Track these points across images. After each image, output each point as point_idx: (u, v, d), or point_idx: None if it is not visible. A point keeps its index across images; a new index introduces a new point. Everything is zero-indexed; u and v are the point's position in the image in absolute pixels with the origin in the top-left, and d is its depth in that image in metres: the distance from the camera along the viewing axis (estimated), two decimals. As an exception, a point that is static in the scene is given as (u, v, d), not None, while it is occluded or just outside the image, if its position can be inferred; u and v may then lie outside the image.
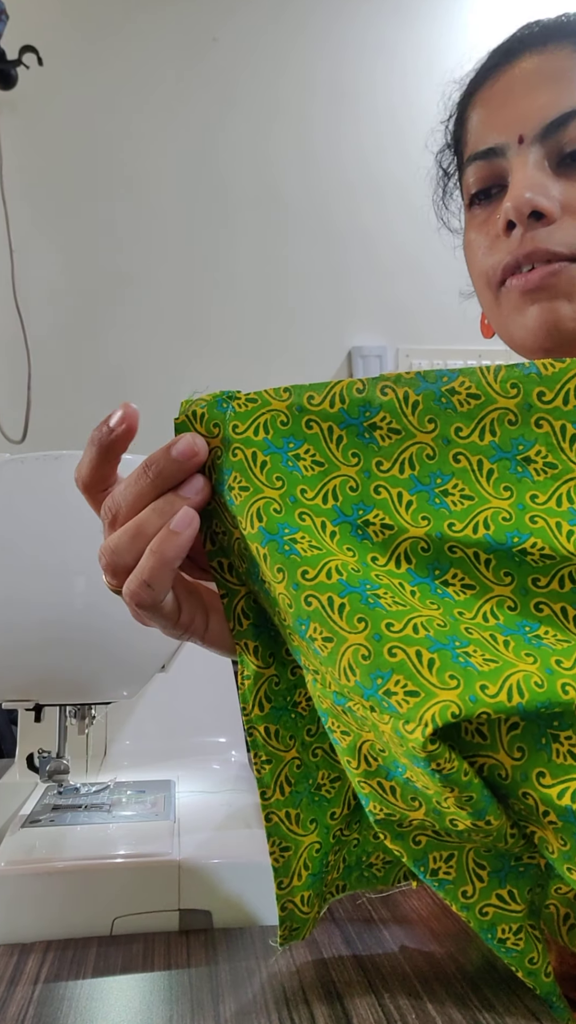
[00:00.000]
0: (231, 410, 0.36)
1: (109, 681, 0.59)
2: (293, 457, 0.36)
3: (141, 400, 1.69)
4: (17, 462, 0.56)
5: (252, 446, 0.36)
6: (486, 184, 0.56)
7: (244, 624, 0.38)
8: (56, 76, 2.14)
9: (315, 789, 0.40)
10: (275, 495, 0.35)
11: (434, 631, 0.32)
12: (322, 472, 0.36)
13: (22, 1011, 0.39)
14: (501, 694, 0.30)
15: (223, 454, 0.36)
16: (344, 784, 0.40)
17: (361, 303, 2.33)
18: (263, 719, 0.38)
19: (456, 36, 2.34)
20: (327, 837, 0.40)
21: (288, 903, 0.40)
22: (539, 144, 0.52)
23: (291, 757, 0.39)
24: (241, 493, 0.35)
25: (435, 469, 0.35)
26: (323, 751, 0.40)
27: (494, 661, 0.31)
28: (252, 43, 2.30)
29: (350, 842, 0.43)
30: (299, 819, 0.39)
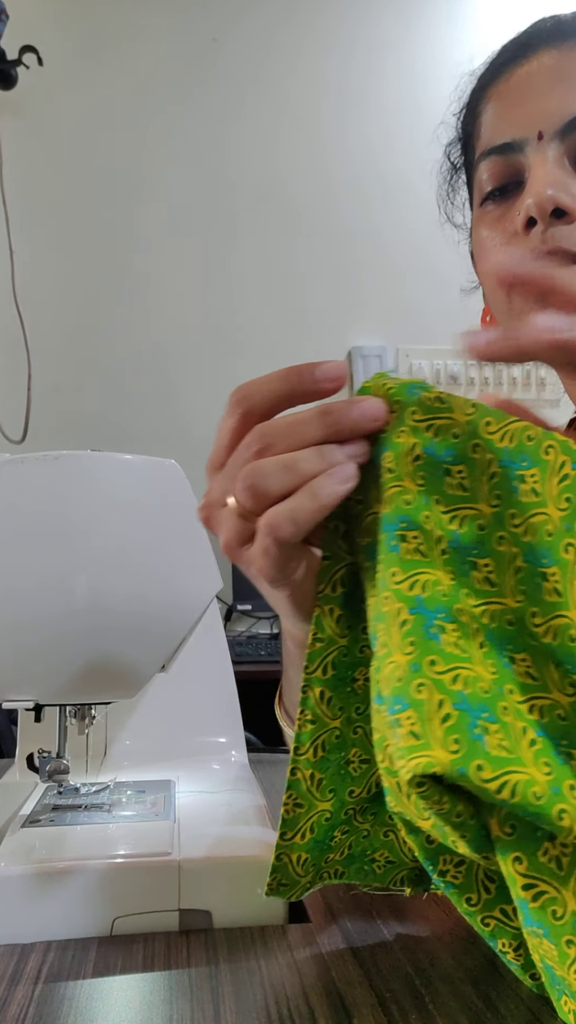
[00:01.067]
0: (417, 397, 0.35)
1: (109, 681, 0.59)
2: (446, 470, 0.35)
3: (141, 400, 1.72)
4: (17, 462, 0.56)
5: (417, 437, 0.35)
6: (503, 180, 0.55)
7: (337, 591, 0.38)
8: (56, 76, 2.14)
9: (344, 763, 0.40)
10: (413, 490, 0.35)
11: (471, 691, 0.31)
12: (462, 497, 0.35)
13: (22, 1011, 0.39)
14: (492, 783, 0.29)
15: (389, 432, 0.35)
16: (371, 768, 0.41)
17: (361, 303, 2.33)
18: (322, 682, 0.39)
19: (463, 33, 2.34)
20: (339, 812, 0.41)
21: (284, 855, 0.41)
22: (559, 141, 0.52)
23: (333, 726, 0.39)
24: (386, 473, 0.35)
25: (546, 548, 0.34)
26: (363, 731, 0.40)
27: (508, 751, 0.30)
28: (252, 43, 2.30)
29: (360, 831, 0.43)
30: (320, 784, 0.40)
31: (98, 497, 0.57)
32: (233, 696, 0.75)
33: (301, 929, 0.48)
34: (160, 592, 0.58)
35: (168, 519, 0.60)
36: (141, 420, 2.18)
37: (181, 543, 0.60)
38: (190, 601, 0.60)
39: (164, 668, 0.62)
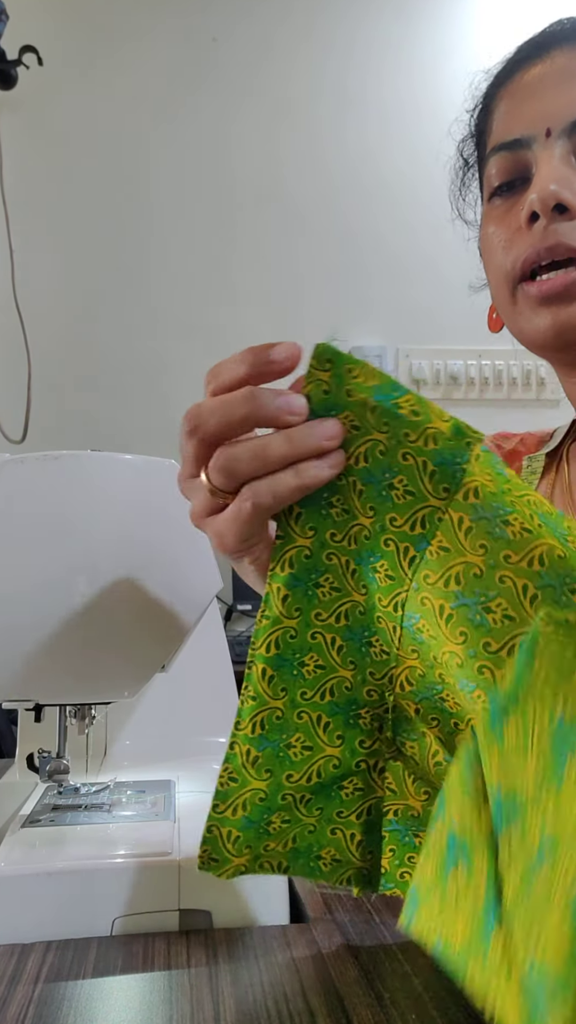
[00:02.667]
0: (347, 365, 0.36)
1: (109, 681, 0.59)
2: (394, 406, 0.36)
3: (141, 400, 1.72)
4: (17, 462, 0.56)
5: (364, 392, 0.36)
6: (510, 176, 0.56)
7: (285, 570, 0.38)
8: (56, 76, 2.14)
9: (285, 747, 0.40)
10: (382, 438, 0.36)
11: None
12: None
13: (22, 1011, 0.39)
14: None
15: (336, 391, 0.36)
16: (313, 756, 0.40)
17: (361, 303, 2.33)
18: (264, 659, 0.39)
19: (463, 34, 2.34)
20: (276, 795, 0.40)
21: (215, 828, 0.40)
22: (566, 138, 0.52)
23: (275, 706, 0.39)
24: (352, 431, 0.36)
25: (480, 587, 0.34)
26: (308, 718, 0.40)
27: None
28: (253, 43, 2.30)
29: (305, 825, 0.42)
30: (256, 762, 0.40)
31: (98, 497, 0.57)
32: (233, 696, 0.75)
33: (301, 929, 0.48)
34: (160, 592, 0.58)
35: (168, 519, 0.60)
36: (141, 420, 2.18)
37: (181, 543, 0.60)
38: (190, 601, 0.60)
39: (164, 668, 0.62)
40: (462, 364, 2.32)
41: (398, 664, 0.39)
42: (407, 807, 0.43)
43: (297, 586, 0.38)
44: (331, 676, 0.40)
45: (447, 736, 0.39)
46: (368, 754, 0.41)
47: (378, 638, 0.39)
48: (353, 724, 0.41)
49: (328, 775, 0.41)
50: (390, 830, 0.44)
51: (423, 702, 0.39)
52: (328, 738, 0.40)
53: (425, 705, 0.39)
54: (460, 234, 0.69)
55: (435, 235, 2.26)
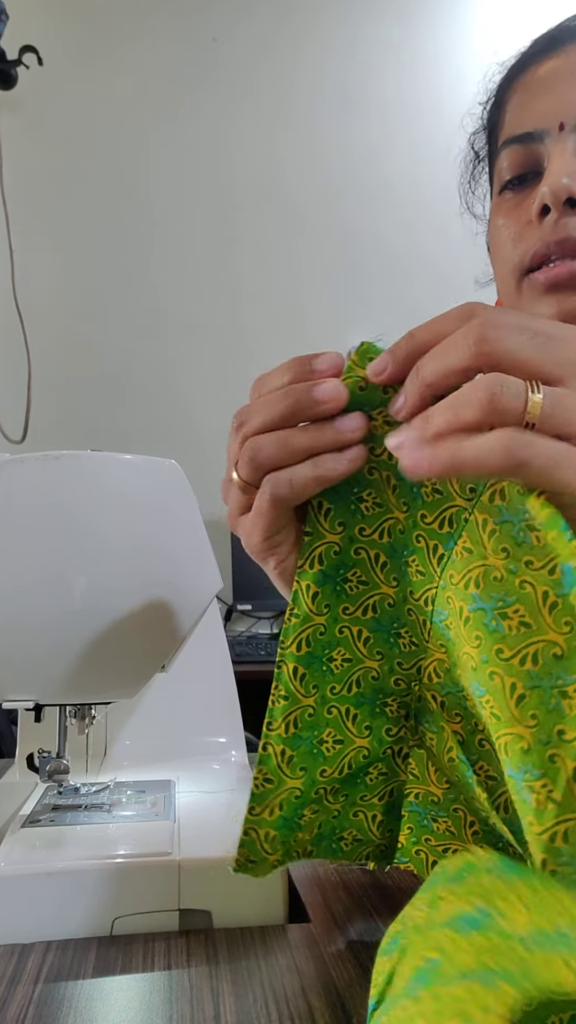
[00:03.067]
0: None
1: (109, 681, 0.59)
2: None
3: (141, 400, 1.72)
4: (17, 462, 0.56)
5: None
6: (521, 170, 0.56)
7: (314, 567, 0.39)
8: (56, 76, 2.14)
9: (317, 742, 0.40)
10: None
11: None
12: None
13: (22, 1011, 0.39)
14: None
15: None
16: (344, 749, 0.41)
17: (361, 303, 2.33)
18: (295, 658, 0.39)
19: (465, 34, 2.34)
20: (310, 790, 0.41)
21: (252, 831, 0.40)
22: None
23: (307, 704, 0.39)
24: (385, 426, 0.36)
25: (499, 591, 0.34)
26: (338, 712, 0.40)
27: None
28: (253, 42, 2.30)
29: (331, 811, 0.43)
30: (291, 761, 0.40)
31: (98, 497, 0.56)
32: (233, 696, 0.75)
33: (301, 929, 0.48)
34: (160, 592, 0.58)
35: (168, 519, 0.59)
36: (141, 420, 2.18)
37: (181, 543, 0.60)
38: (190, 601, 0.60)
39: (164, 668, 0.62)
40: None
41: (427, 656, 0.39)
42: (428, 792, 0.43)
43: (326, 583, 0.39)
44: (358, 668, 0.40)
45: (467, 735, 0.39)
46: (393, 741, 0.42)
47: (408, 630, 0.40)
48: (380, 713, 0.41)
49: (358, 765, 0.42)
50: (410, 811, 0.44)
51: (448, 696, 0.39)
52: (357, 729, 0.41)
53: (450, 700, 0.39)
54: (460, 234, 0.69)
55: (436, 235, 2.26)
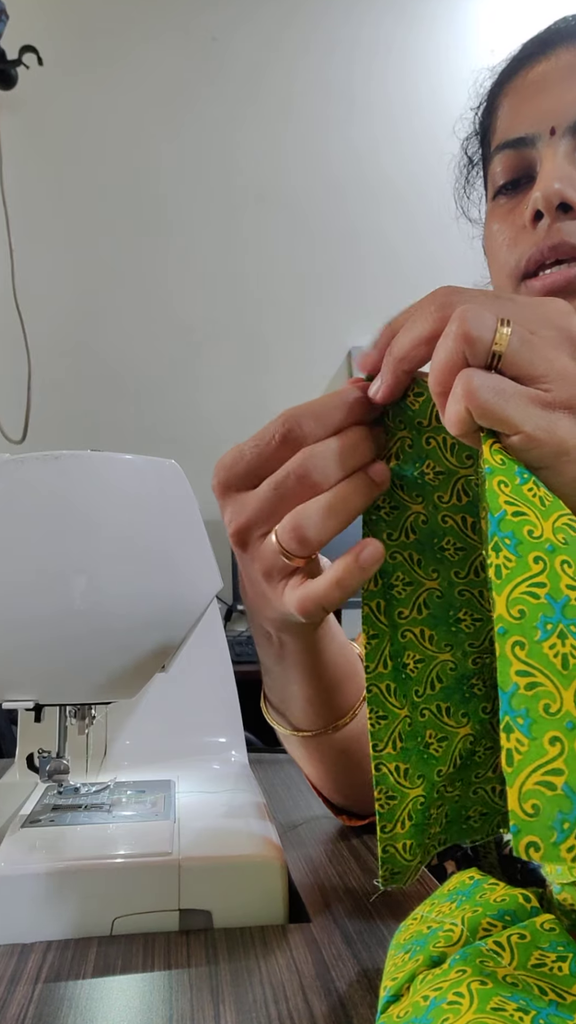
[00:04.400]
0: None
1: (109, 681, 0.59)
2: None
3: (141, 400, 1.72)
4: (17, 462, 0.56)
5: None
6: (515, 175, 0.56)
7: (379, 583, 0.39)
8: (56, 76, 2.14)
9: (424, 747, 0.41)
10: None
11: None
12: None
13: (22, 1011, 0.39)
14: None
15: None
16: (451, 744, 0.42)
17: (361, 303, 2.33)
18: (386, 677, 0.40)
19: (467, 35, 2.34)
20: (431, 792, 0.41)
21: (390, 847, 0.41)
22: (571, 136, 0.52)
23: (404, 715, 0.41)
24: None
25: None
26: (430, 712, 0.41)
27: None
28: (253, 42, 2.30)
29: (451, 799, 0.44)
30: (407, 773, 0.41)
31: (98, 497, 0.56)
32: (233, 696, 0.75)
33: (301, 929, 0.48)
34: (160, 592, 0.58)
35: (168, 519, 0.59)
36: (141, 420, 2.18)
37: (181, 543, 0.60)
38: (190, 601, 0.60)
39: (164, 668, 0.62)
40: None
41: (492, 624, 0.39)
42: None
43: (381, 595, 0.40)
44: (433, 665, 0.41)
45: None
46: (491, 716, 0.42)
47: (466, 611, 0.40)
48: (470, 697, 0.42)
49: (466, 752, 0.42)
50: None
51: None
52: (455, 721, 0.42)
53: None
54: (461, 234, 0.69)
55: (436, 235, 2.26)
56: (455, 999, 0.29)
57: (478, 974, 0.30)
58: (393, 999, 0.32)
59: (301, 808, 0.70)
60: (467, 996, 0.29)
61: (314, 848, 0.61)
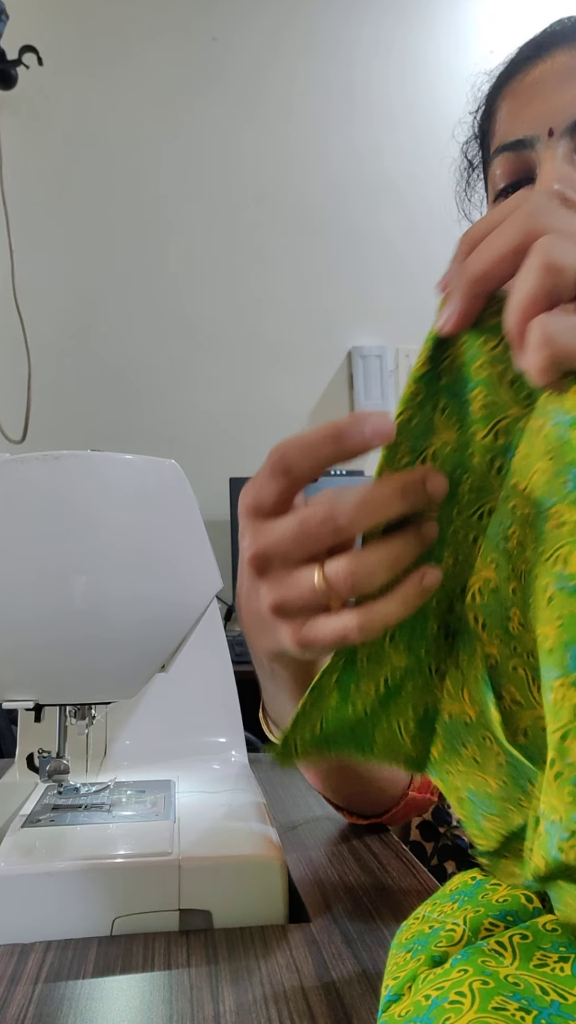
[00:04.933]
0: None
1: (109, 681, 0.59)
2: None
3: (141, 400, 1.72)
4: (17, 462, 0.56)
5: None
6: (515, 177, 0.56)
7: None
8: (56, 76, 2.14)
9: (352, 660, 0.39)
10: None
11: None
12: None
13: (22, 1011, 0.39)
14: None
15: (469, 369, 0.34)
16: (380, 668, 0.40)
17: (361, 303, 2.33)
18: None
19: (467, 35, 2.34)
20: (345, 702, 0.40)
21: (302, 723, 0.39)
22: (569, 138, 0.52)
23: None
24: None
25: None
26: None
27: None
28: (253, 42, 2.30)
29: (359, 714, 0.41)
30: (335, 678, 0.39)
31: (98, 497, 0.57)
32: (233, 696, 0.75)
33: (301, 929, 0.48)
34: (160, 592, 0.58)
35: (168, 519, 0.60)
36: (141, 420, 2.18)
37: (181, 543, 0.60)
38: (190, 601, 0.60)
39: (164, 668, 0.62)
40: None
41: (473, 573, 0.37)
42: (462, 711, 0.41)
43: None
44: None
45: (503, 658, 0.37)
46: (431, 659, 0.40)
47: (451, 552, 0.37)
48: (420, 635, 0.39)
49: (394, 683, 0.40)
50: (442, 727, 0.42)
51: (491, 617, 0.37)
52: (394, 649, 0.39)
53: (491, 620, 0.37)
54: (462, 233, 0.69)
55: (436, 235, 2.26)
56: (457, 998, 0.29)
57: (480, 974, 0.30)
58: (395, 998, 0.32)
59: (301, 808, 0.70)
60: (469, 995, 0.29)
61: (314, 848, 0.61)
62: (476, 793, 0.39)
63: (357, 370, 2.30)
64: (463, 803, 0.40)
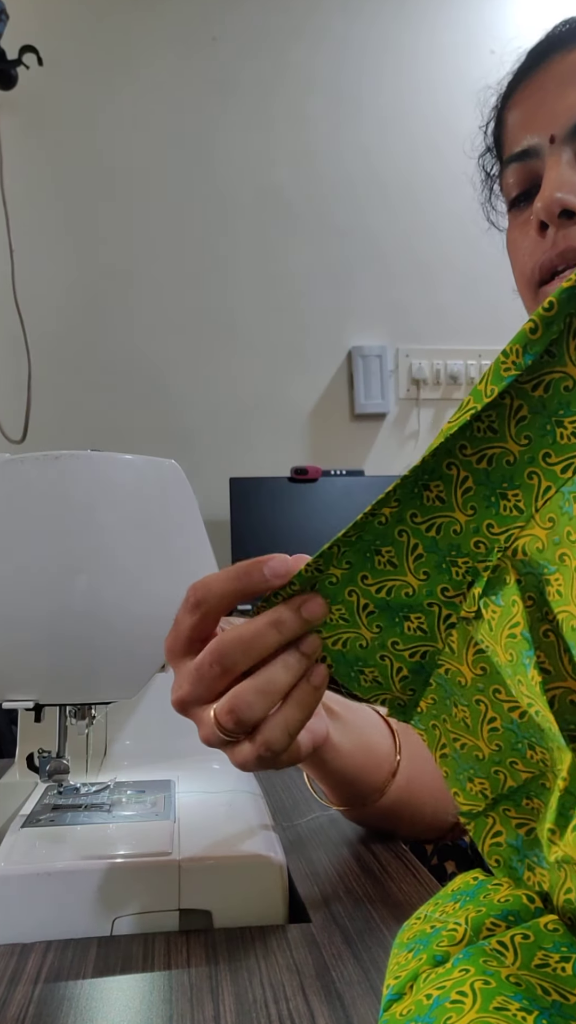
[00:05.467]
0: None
1: (109, 681, 0.59)
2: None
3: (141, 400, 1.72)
4: (17, 462, 0.56)
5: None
6: (525, 186, 0.57)
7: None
8: (56, 76, 2.14)
9: (373, 551, 0.39)
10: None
11: None
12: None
13: (22, 1011, 0.39)
14: None
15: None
16: (392, 574, 0.40)
17: (361, 303, 2.33)
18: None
19: (463, 35, 2.34)
20: (346, 585, 0.40)
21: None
22: (570, 143, 0.53)
23: (381, 513, 0.39)
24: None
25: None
26: (407, 539, 0.39)
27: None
28: (253, 43, 2.30)
29: (360, 636, 0.41)
30: (344, 555, 0.39)
31: (98, 497, 0.57)
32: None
33: (301, 929, 0.48)
34: (160, 592, 0.58)
35: (168, 519, 0.60)
36: (141, 420, 2.18)
37: (181, 543, 0.60)
38: (190, 601, 0.60)
39: (164, 668, 0.62)
40: (462, 364, 2.32)
41: (528, 526, 0.37)
42: (458, 671, 0.40)
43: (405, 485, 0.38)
44: (444, 514, 0.38)
45: (535, 621, 0.36)
46: (445, 603, 0.39)
47: (518, 494, 0.37)
48: (445, 569, 0.39)
49: (397, 599, 0.40)
50: (438, 682, 0.42)
51: (527, 576, 0.37)
52: (415, 568, 0.39)
53: (528, 580, 0.37)
54: (461, 234, 0.70)
55: (436, 235, 2.26)
56: (458, 998, 0.29)
57: (481, 973, 0.30)
58: (396, 997, 0.32)
59: (301, 808, 0.70)
60: (470, 995, 0.29)
61: (314, 848, 0.61)
62: (463, 755, 0.39)
63: (357, 370, 2.30)
64: (446, 760, 0.40)
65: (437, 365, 2.33)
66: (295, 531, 2.00)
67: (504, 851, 0.38)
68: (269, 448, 2.20)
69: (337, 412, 2.31)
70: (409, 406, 2.33)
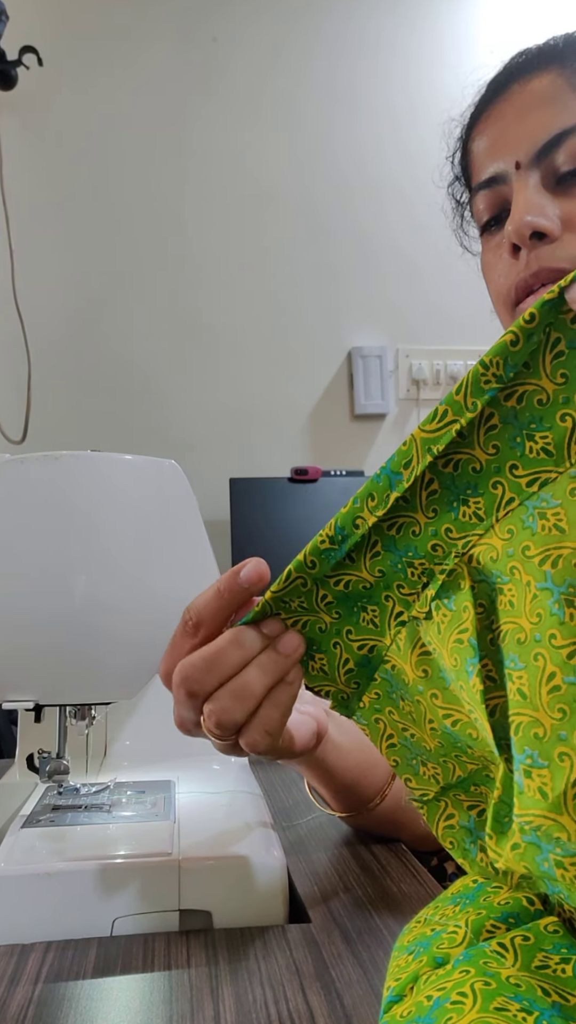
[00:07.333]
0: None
1: (109, 681, 0.59)
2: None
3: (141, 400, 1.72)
4: (17, 462, 0.56)
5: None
6: (495, 211, 0.59)
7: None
8: (56, 76, 2.14)
9: (340, 540, 0.39)
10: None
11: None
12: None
13: (22, 1011, 0.39)
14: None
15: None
16: (349, 567, 0.40)
17: (361, 303, 2.33)
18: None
19: (458, 35, 2.34)
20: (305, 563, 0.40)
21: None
22: (535, 167, 0.55)
23: (355, 510, 0.39)
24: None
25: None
26: (366, 535, 0.39)
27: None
28: (253, 43, 2.30)
29: (319, 620, 0.41)
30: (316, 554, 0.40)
31: (98, 497, 0.57)
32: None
33: (301, 929, 0.48)
34: (160, 592, 0.58)
35: (168, 519, 0.60)
36: (141, 420, 2.18)
37: (181, 543, 0.60)
38: (190, 601, 0.60)
39: (164, 668, 0.62)
40: (462, 364, 2.32)
41: (486, 534, 0.37)
42: (402, 669, 0.41)
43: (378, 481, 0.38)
44: (406, 514, 0.38)
45: (483, 628, 0.36)
46: (399, 599, 0.40)
47: (479, 502, 0.37)
48: (401, 569, 0.39)
49: (355, 591, 0.40)
50: (383, 677, 0.42)
51: (481, 584, 0.37)
52: (370, 564, 0.39)
53: (481, 588, 0.37)
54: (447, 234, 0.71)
55: (435, 235, 2.25)
56: (459, 999, 0.29)
57: (481, 975, 0.30)
58: (396, 999, 0.32)
59: (301, 808, 0.70)
60: (471, 996, 0.29)
61: (314, 848, 0.61)
62: (413, 743, 0.40)
63: (357, 370, 2.30)
64: (394, 749, 0.41)
65: (437, 365, 2.33)
66: (295, 531, 2.00)
67: (457, 833, 0.39)
68: (269, 448, 2.20)
69: (337, 412, 2.31)
70: (409, 406, 2.33)
